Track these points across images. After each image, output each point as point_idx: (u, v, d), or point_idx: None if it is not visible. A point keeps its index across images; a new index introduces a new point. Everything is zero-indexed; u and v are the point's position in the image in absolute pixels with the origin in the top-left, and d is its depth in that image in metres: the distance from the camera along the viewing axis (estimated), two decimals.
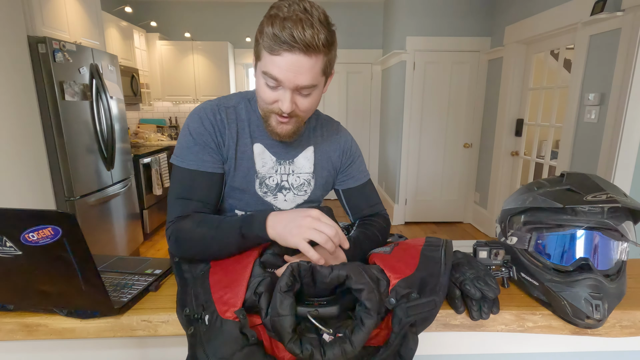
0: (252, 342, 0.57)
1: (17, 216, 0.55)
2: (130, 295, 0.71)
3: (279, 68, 0.69)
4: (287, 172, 0.87)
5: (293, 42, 0.66)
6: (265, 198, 0.87)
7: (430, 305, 0.63)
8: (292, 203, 0.89)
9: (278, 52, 0.68)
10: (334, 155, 0.93)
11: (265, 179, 0.86)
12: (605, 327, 0.70)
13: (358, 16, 4.57)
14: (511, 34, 3.18)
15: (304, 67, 0.69)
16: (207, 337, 0.59)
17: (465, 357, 0.80)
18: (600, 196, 0.63)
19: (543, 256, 0.70)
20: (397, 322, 0.61)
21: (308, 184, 0.90)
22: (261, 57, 0.72)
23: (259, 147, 0.85)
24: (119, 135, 2.84)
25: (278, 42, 0.67)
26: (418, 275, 0.66)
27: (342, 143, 0.94)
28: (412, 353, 0.61)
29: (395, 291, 0.62)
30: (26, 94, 2.13)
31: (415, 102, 3.81)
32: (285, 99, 0.73)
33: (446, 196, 4.07)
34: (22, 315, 0.68)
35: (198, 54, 4.32)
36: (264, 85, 0.74)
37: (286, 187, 0.87)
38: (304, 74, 0.70)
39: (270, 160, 0.86)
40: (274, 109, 0.76)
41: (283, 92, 0.73)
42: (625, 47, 2.01)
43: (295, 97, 0.74)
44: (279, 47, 0.67)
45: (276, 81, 0.71)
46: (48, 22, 2.34)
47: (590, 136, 2.32)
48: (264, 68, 0.72)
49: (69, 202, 2.38)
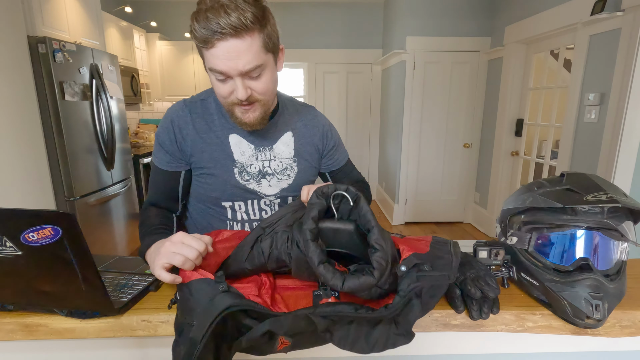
0: (221, 290, 0.56)
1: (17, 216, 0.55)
2: (130, 295, 0.71)
3: (219, 59, 0.69)
4: (268, 158, 0.88)
5: (221, 29, 0.65)
6: (248, 185, 0.87)
7: (442, 279, 0.61)
8: (277, 188, 0.90)
9: (212, 44, 0.67)
10: (316, 138, 0.95)
11: (246, 167, 0.87)
12: (605, 327, 0.70)
13: (358, 16, 4.57)
14: (511, 34, 3.18)
15: (241, 51, 0.68)
16: (182, 307, 0.59)
17: (465, 357, 0.80)
18: (600, 196, 0.63)
19: (543, 256, 0.70)
20: (404, 286, 0.59)
21: (291, 168, 0.91)
22: (203, 56, 0.73)
23: (235, 137, 0.86)
24: (119, 135, 2.84)
25: (208, 34, 0.66)
26: (430, 255, 0.65)
27: (321, 127, 0.96)
28: (409, 324, 0.59)
29: (408, 260, 0.61)
30: (26, 94, 2.13)
31: (415, 102, 3.81)
32: (238, 87, 0.73)
33: (446, 196, 4.07)
34: (22, 315, 0.68)
35: (198, 54, 4.31)
36: (215, 81, 0.75)
37: (269, 172, 0.88)
38: (242, 57, 0.69)
39: (249, 149, 0.87)
40: (233, 100, 0.76)
41: (233, 81, 0.73)
42: (625, 47, 2.01)
43: (246, 82, 0.73)
44: (211, 39, 0.67)
45: (222, 74, 0.71)
46: (48, 22, 2.34)
47: (590, 136, 2.32)
48: (208, 65, 0.72)
49: (69, 202, 2.38)
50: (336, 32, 4.61)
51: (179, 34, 4.49)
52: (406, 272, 0.60)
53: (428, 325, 0.69)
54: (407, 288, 0.59)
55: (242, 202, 0.89)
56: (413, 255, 0.63)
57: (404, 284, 0.59)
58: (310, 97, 4.82)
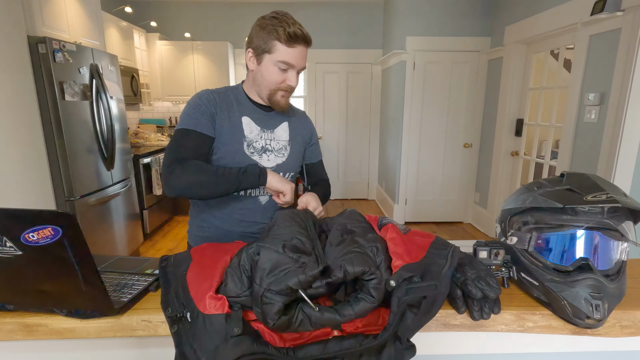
0: (236, 334, 0.59)
1: (17, 216, 0.55)
2: (130, 295, 0.71)
3: (294, 56, 1.00)
4: (270, 138, 1.12)
5: (303, 37, 1.00)
6: (252, 157, 1.09)
7: (430, 289, 0.63)
8: (274, 163, 1.13)
9: (294, 45, 0.99)
10: (304, 132, 1.22)
11: (252, 142, 1.09)
12: (605, 327, 0.70)
13: (358, 16, 4.57)
14: (511, 34, 3.18)
15: (305, 55, 1.03)
16: (192, 333, 0.60)
17: (465, 357, 0.80)
18: (600, 196, 0.63)
19: (543, 256, 0.70)
20: (395, 302, 0.61)
21: (285, 149, 1.15)
22: (274, 51, 0.99)
23: (246, 119, 1.10)
24: (119, 135, 2.84)
25: (295, 38, 0.98)
26: (422, 264, 0.67)
27: (309, 127, 1.25)
28: (411, 333, 0.62)
29: (397, 274, 0.63)
30: (26, 94, 2.13)
31: (415, 102, 3.81)
32: (294, 77, 1.04)
33: (446, 196, 4.07)
34: (22, 315, 0.68)
35: (198, 54, 4.32)
36: (277, 70, 1.02)
37: (269, 149, 1.12)
38: (305, 59, 1.04)
39: (255, 129, 1.11)
40: (282, 87, 1.05)
41: (291, 72, 1.03)
42: (625, 47, 2.01)
43: (296, 76, 1.05)
44: (294, 42, 0.99)
45: (289, 65, 1.01)
46: (48, 22, 2.34)
47: (590, 136, 2.32)
48: (280, 58, 1.00)
49: (69, 202, 2.38)
50: (336, 32, 4.61)
51: (179, 34, 4.49)
52: (396, 286, 0.62)
53: (428, 325, 0.69)
54: (398, 302, 0.61)
55: None
56: (402, 268, 0.64)
57: (395, 299, 0.61)
58: (310, 97, 4.82)
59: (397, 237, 0.73)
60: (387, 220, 0.82)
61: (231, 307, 0.62)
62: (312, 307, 0.60)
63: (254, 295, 0.60)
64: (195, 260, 0.76)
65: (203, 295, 0.64)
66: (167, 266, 0.78)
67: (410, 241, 0.74)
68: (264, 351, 0.59)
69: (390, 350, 0.61)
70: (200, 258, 0.77)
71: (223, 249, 0.80)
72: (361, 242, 0.69)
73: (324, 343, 0.61)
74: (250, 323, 0.64)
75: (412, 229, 0.82)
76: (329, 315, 0.59)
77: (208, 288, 0.65)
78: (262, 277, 0.60)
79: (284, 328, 0.59)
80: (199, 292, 0.65)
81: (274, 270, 0.61)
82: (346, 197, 5.17)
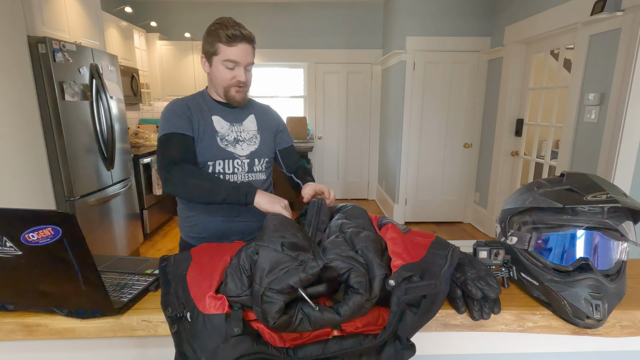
0: (236, 333, 0.59)
1: (17, 216, 0.55)
2: (130, 295, 0.71)
3: (236, 54, 1.12)
4: (240, 130, 1.25)
5: (242, 36, 1.11)
6: (227, 148, 1.21)
7: (430, 288, 0.63)
8: (247, 150, 1.24)
9: (235, 43, 1.10)
10: (271, 122, 1.33)
11: (225, 136, 1.21)
12: (605, 327, 0.70)
13: (358, 16, 4.57)
14: (511, 34, 3.18)
15: (249, 51, 1.14)
16: (192, 333, 0.60)
17: (465, 357, 0.80)
18: (600, 196, 0.63)
19: (543, 256, 0.70)
20: (395, 301, 0.61)
21: (256, 137, 1.27)
22: (219, 52, 1.12)
23: (216, 117, 1.22)
24: (119, 135, 2.84)
25: (234, 38, 1.10)
26: (422, 263, 0.67)
27: (274, 116, 1.36)
28: (410, 333, 0.62)
29: (397, 274, 0.63)
30: (26, 94, 2.13)
31: (415, 102, 3.81)
32: (241, 73, 1.15)
33: (446, 196, 4.07)
34: (22, 315, 0.68)
35: (198, 54, 4.32)
36: (224, 69, 1.14)
37: (241, 139, 1.24)
38: (249, 55, 1.15)
39: (225, 124, 1.23)
40: (233, 83, 1.16)
41: (237, 70, 1.14)
42: (625, 47, 2.01)
43: (245, 71, 1.15)
44: (234, 40, 1.10)
45: (234, 63, 1.12)
46: (48, 22, 2.34)
47: (590, 136, 2.32)
48: (225, 57, 1.12)
49: (69, 202, 2.38)
50: (336, 32, 4.61)
51: (179, 34, 4.49)
52: (396, 285, 0.62)
53: (428, 325, 0.69)
54: (397, 302, 0.61)
55: (222, 160, 1.21)
56: (402, 268, 0.64)
57: (394, 299, 0.61)
58: (310, 97, 4.82)
59: (396, 237, 0.73)
60: (387, 220, 0.82)
61: (231, 307, 0.62)
62: (312, 306, 0.60)
63: (254, 295, 0.61)
64: (195, 260, 0.76)
65: (203, 295, 0.64)
66: (167, 266, 0.78)
67: (410, 241, 0.74)
68: (264, 351, 0.59)
69: (390, 350, 0.61)
70: (200, 258, 0.77)
71: (223, 248, 0.81)
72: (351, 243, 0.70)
73: (323, 343, 0.61)
74: (250, 323, 0.64)
75: (412, 229, 0.82)
76: (329, 315, 0.59)
77: (208, 288, 0.65)
78: (262, 276, 0.60)
79: (285, 327, 0.59)
80: (199, 292, 0.65)
81: (274, 269, 0.61)
82: (346, 197, 5.17)
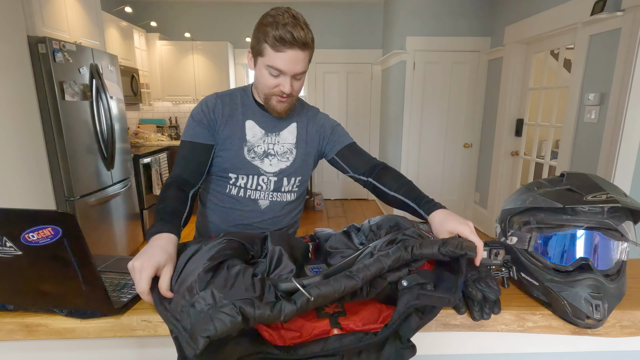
0: (236, 334, 0.57)
1: (17, 216, 0.55)
2: (130, 295, 0.71)
3: (283, 61, 0.91)
4: (274, 142, 1.08)
5: (294, 41, 0.88)
6: (253, 162, 1.07)
7: (443, 302, 0.61)
8: (276, 167, 1.08)
9: (282, 49, 0.89)
10: (315, 134, 1.14)
11: (253, 147, 1.06)
12: (605, 327, 0.70)
13: (358, 16, 4.57)
14: (511, 34, 3.18)
15: (299, 59, 0.92)
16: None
17: (465, 357, 0.80)
18: (600, 196, 0.63)
19: (543, 256, 0.70)
20: (404, 302, 0.60)
21: (290, 152, 1.10)
22: (264, 54, 0.92)
23: (250, 122, 1.07)
24: (119, 135, 2.84)
25: (282, 42, 0.88)
26: (436, 272, 0.67)
27: (322, 122, 1.15)
28: (412, 332, 0.62)
29: (412, 277, 0.63)
30: (26, 94, 2.13)
31: (415, 102, 3.80)
32: (286, 84, 0.95)
33: (446, 196, 4.07)
34: (22, 315, 0.68)
35: (198, 54, 4.32)
36: (268, 75, 0.95)
37: (272, 153, 1.08)
38: (299, 64, 0.93)
39: (259, 132, 1.07)
40: (275, 92, 0.97)
41: (284, 78, 0.94)
42: (625, 47, 2.01)
43: (292, 81, 0.96)
44: (282, 45, 0.88)
45: (279, 71, 0.92)
46: (48, 22, 2.34)
47: (590, 136, 2.32)
48: (269, 62, 0.92)
49: (69, 202, 2.38)
50: (336, 32, 4.61)
51: (179, 34, 4.49)
52: (408, 287, 0.62)
53: (428, 325, 0.69)
54: (407, 304, 0.60)
55: (245, 175, 1.07)
56: (417, 273, 0.64)
57: (404, 300, 0.61)
58: (310, 97, 4.81)
59: None
60: None
61: None
62: (307, 296, 0.56)
63: None
64: None
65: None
66: None
67: None
68: (264, 350, 0.59)
69: (390, 349, 0.61)
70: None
71: None
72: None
73: (323, 341, 0.61)
74: None
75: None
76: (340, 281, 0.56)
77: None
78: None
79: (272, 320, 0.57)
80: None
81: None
82: (346, 197, 5.17)
